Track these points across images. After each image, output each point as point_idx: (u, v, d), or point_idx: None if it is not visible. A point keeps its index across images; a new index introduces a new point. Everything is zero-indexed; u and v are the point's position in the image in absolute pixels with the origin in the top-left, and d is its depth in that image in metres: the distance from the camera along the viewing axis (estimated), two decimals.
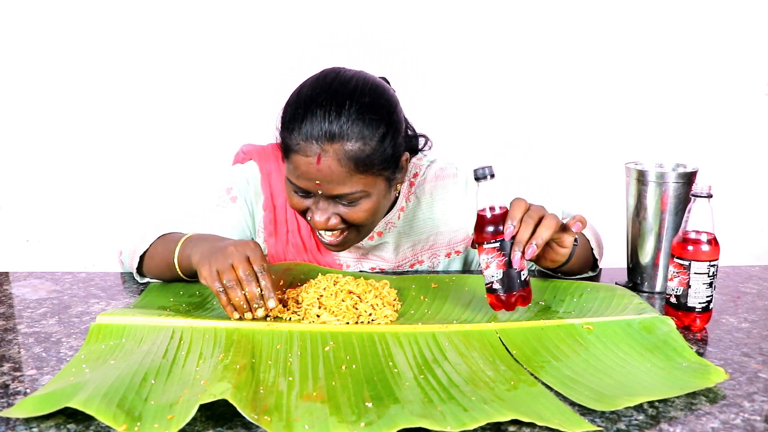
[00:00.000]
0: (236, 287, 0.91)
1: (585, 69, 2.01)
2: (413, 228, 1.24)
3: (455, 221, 1.24)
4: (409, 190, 1.23)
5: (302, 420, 0.68)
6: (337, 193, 1.02)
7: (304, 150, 1.01)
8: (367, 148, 1.01)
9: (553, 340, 0.90)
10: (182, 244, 1.04)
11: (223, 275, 0.92)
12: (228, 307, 0.93)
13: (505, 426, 0.70)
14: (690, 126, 2.05)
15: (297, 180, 1.03)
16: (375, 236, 1.21)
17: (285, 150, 1.05)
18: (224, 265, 0.92)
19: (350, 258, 1.24)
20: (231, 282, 0.91)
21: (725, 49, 2.01)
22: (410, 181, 1.23)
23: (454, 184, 1.23)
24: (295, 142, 1.02)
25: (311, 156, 1.00)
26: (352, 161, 1.01)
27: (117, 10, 1.87)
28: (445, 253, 1.26)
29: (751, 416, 0.73)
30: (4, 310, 1.03)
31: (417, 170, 1.24)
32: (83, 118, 1.93)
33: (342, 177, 1.01)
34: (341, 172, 1.01)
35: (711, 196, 0.94)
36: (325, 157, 1.00)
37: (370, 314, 0.96)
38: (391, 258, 1.24)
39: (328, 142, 1.00)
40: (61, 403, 0.69)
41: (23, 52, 1.88)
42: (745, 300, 1.09)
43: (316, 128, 1.00)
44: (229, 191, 1.21)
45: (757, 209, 2.13)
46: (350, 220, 1.06)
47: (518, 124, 2.05)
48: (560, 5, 1.97)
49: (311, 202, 1.06)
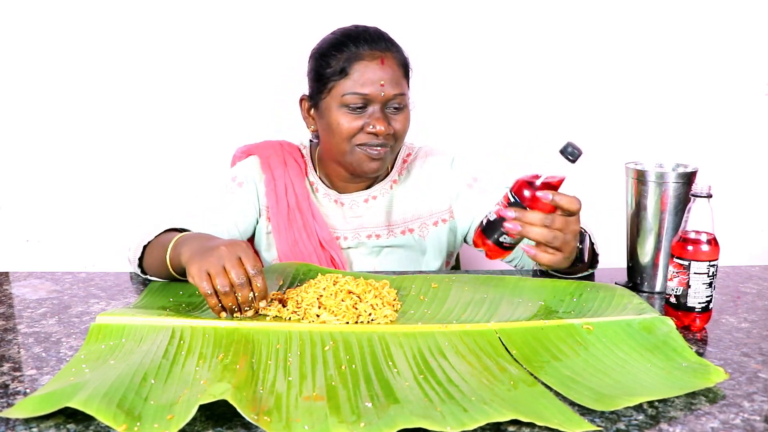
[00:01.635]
0: (230, 293, 0.92)
1: (585, 69, 2.01)
2: (405, 197, 1.34)
3: (441, 192, 1.34)
4: (402, 166, 1.36)
5: (302, 420, 0.68)
6: (395, 92, 1.19)
7: (369, 56, 1.18)
8: (406, 58, 1.25)
9: (553, 340, 0.90)
10: (174, 243, 1.05)
11: (216, 279, 0.91)
12: (216, 308, 0.93)
13: (504, 426, 0.70)
14: (690, 126, 2.05)
15: (361, 87, 1.18)
16: (370, 200, 1.32)
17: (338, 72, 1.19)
18: (216, 267, 0.92)
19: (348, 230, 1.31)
20: (225, 288, 0.91)
21: (725, 49, 2.01)
22: (403, 158, 1.37)
23: (442, 160, 1.36)
24: (355, 54, 1.18)
25: (376, 60, 1.18)
26: (401, 65, 1.22)
27: (119, 11, 1.87)
28: (433, 222, 1.34)
29: (750, 416, 0.73)
30: (4, 310, 1.03)
31: (410, 151, 1.39)
32: (83, 119, 1.93)
33: (398, 78, 1.21)
34: (398, 74, 1.21)
35: (711, 196, 0.94)
36: (387, 60, 1.20)
37: (369, 314, 0.96)
38: (382, 224, 1.31)
39: (386, 49, 1.21)
40: (61, 403, 0.69)
41: (23, 52, 1.88)
42: (745, 300, 1.09)
43: (374, 38, 1.20)
44: (235, 179, 1.32)
45: (757, 209, 2.13)
46: (396, 131, 1.21)
47: (518, 124, 2.05)
48: (560, 5, 1.97)
49: (366, 117, 1.19)
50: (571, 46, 1.99)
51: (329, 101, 1.21)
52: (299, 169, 1.33)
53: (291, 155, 1.34)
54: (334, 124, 1.21)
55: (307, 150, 1.37)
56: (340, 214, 1.32)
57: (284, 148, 1.35)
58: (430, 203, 1.34)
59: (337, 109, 1.20)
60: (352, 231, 1.31)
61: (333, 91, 1.20)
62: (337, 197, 1.32)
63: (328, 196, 1.33)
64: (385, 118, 1.20)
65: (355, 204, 1.32)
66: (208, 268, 0.92)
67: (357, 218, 1.32)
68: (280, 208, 1.29)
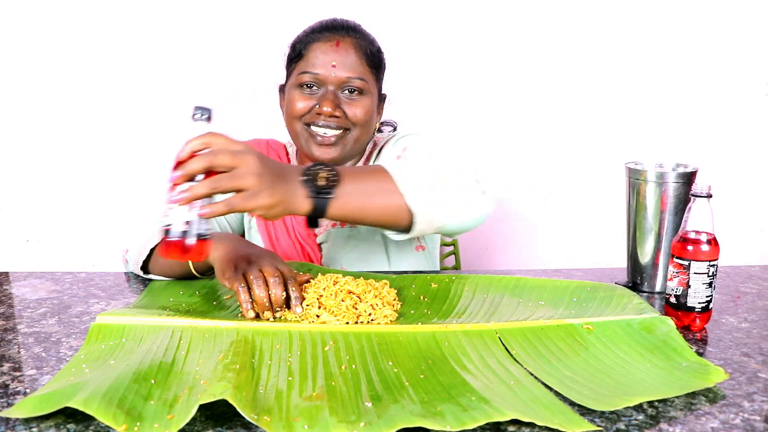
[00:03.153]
0: (263, 286, 0.94)
1: (585, 69, 2.01)
2: None
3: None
4: (371, 153, 1.33)
5: (302, 420, 0.68)
6: (348, 75, 1.19)
7: (325, 38, 1.20)
8: (373, 48, 1.24)
9: (553, 340, 0.90)
10: None
11: (250, 275, 0.95)
12: (246, 304, 0.94)
13: (504, 426, 0.70)
14: (690, 126, 2.05)
15: (312, 67, 1.19)
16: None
17: (297, 55, 1.22)
18: (252, 268, 0.96)
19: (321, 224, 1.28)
20: (259, 281, 0.94)
21: (725, 49, 2.01)
22: (370, 150, 1.34)
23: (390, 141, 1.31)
24: (315, 37, 1.21)
25: (331, 42, 1.20)
26: (362, 52, 1.21)
27: (119, 11, 1.87)
28: None
29: (750, 416, 0.73)
30: (4, 310, 1.03)
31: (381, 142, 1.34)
32: (83, 119, 1.93)
33: (355, 62, 1.20)
34: (355, 58, 1.20)
35: (711, 196, 0.94)
36: (344, 43, 1.20)
37: (369, 314, 0.96)
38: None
39: (346, 33, 1.21)
40: (60, 403, 0.69)
41: (23, 52, 1.88)
42: (745, 300, 1.09)
43: (335, 24, 1.22)
44: None
45: (757, 209, 2.13)
46: (350, 116, 1.20)
47: (518, 124, 2.05)
48: (560, 5, 1.97)
49: (317, 98, 1.19)
50: (572, 47, 1.99)
51: (289, 84, 1.24)
52: None
53: (275, 153, 1.36)
54: (288, 103, 1.23)
55: (293, 149, 1.38)
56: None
57: (270, 146, 1.37)
58: None
59: (293, 89, 1.22)
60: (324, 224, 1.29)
61: (292, 74, 1.23)
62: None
63: None
64: (335, 99, 1.19)
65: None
66: (243, 268, 0.97)
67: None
68: None
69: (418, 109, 1.94)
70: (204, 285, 1.10)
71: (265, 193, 0.82)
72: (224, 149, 0.82)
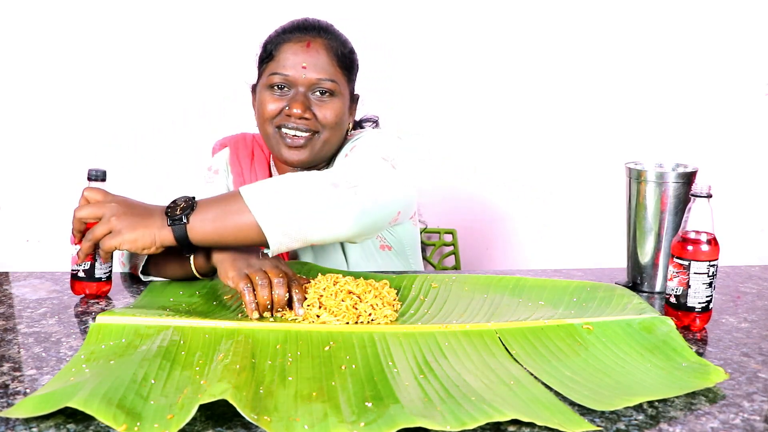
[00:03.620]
0: (267, 287, 0.95)
1: (585, 69, 2.01)
2: None
3: None
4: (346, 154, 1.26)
5: (302, 420, 0.68)
6: (319, 76, 1.18)
7: (296, 39, 1.19)
8: (345, 50, 1.23)
9: (553, 340, 0.90)
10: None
11: (254, 276, 0.96)
12: (251, 305, 0.94)
13: (504, 426, 0.70)
14: (690, 126, 2.05)
15: (283, 68, 1.18)
16: None
17: (268, 56, 1.21)
18: (255, 269, 0.97)
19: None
20: (263, 281, 0.95)
21: (725, 49, 2.01)
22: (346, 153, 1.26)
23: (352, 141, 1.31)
24: (286, 38, 1.20)
25: (302, 42, 1.19)
26: (333, 53, 1.20)
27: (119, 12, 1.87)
28: None
29: (750, 416, 0.73)
30: (4, 310, 1.03)
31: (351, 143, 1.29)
32: (83, 119, 1.93)
33: (326, 64, 1.19)
34: (325, 59, 1.19)
35: (711, 196, 0.94)
36: (314, 44, 1.19)
37: (369, 314, 0.96)
38: None
39: (317, 35, 1.20)
40: (60, 403, 0.69)
41: (23, 52, 1.88)
42: (745, 300, 1.09)
43: (306, 25, 1.21)
44: (210, 168, 1.37)
45: (757, 209, 2.13)
46: (320, 118, 1.19)
47: (518, 124, 2.05)
48: (561, 5, 1.97)
49: (287, 100, 1.19)
50: (572, 47, 1.99)
51: (260, 84, 1.23)
52: (265, 162, 1.34)
53: (259, 146, 1.36)
54: (258, 105, 1.23)
55: None
56: None
57: (255, 140, 1.37)
58: None
59: (264, 90, 1.21)
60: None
61: (263, 74, 1.22)
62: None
63: None
64: (305, 101, 1.18)
65: None
66: (247, 269, 0.97)
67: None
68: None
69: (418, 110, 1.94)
70: (204, 285, 1.10)
71: (125, 231, 0.95)
72: (91, 203, 0.98)
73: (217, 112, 1.94)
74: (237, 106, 1.93)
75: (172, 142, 1.95)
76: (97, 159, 1.94)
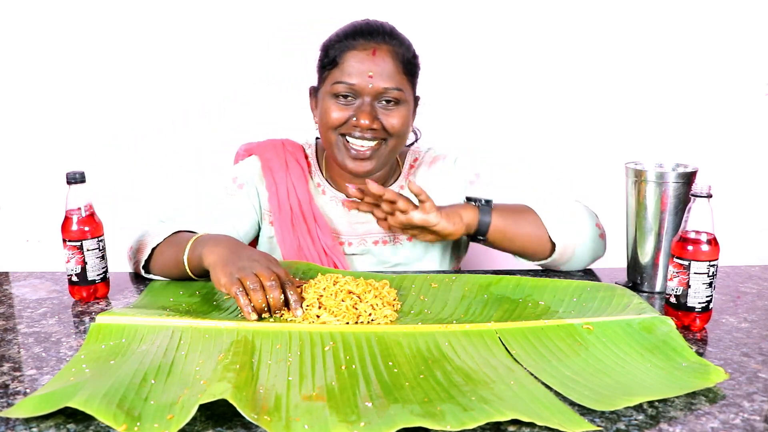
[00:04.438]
0: (259, 290, 0.94)
1: (585, 69, 2.01)
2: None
3: (447, 194, 1.32)
4: (409, 171, 1.34)
5: (302, 420, 0.68)
6: (385, 86, 1.16)
7: (362, 46, 1.16)
8: (409, 54, 1.20)
9: (553, 340, 0.90)
10: (192, 244, 1.06)
11: (246, 281, 0.94)
12: (247, 308, 0.93)
13: (504, 426, 0.70)
14: (690, 126, 2.05)
15: (348, 77, 1.15)
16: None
17: (331, 62, 1.18)
18: (246, 272, 0.95)
19: (353, 235, 1.28)
20: (255, 285, 0.94)
21: (725, 49, 2.01)
22: (410, 164, 1.35)
23: (444, 163, 1.35)
24: (350, 44, 1.17)
25: (367, 50, 1.16)
26: (398, 59, 1.18)
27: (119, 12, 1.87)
28: None
29: (750, 416, 0.73)
30: (4, 310, 1.03)
31: (416, 156, 1.37)
32: (83, 119, 1.93)
33: (392, 71, 1.16)
34: (392, 67, 1.16)
35: (711, 196, 0.94)
36: (380, 51, 1.16)
37: (369, 314, 0.96)
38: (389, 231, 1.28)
39: (383, 41, 1.17)
40: (61, 403, 0.69)
41: (23, 52, 1.88)
42: (745, 300, 1.09)
43: (371, 30, 1.18)
44: (235, 180, 1.29)
45: (757, 209, 2.13)
46: (387, 127, 1.18)
47: (518, 124, 2.05)
48: (561, 5, 1.97)
49: (353, 110, 1.17)
50: (572, 46, 1.99)
51: (323, 91, 1.20)
52: (302, 172, 1.29)
53: (293, 156, 1.31)
54: (322, 113, 1.20)
55: (312, 149, 1.35)
56: (345, 219, 1.29)
57: (286, 148, 1.32)
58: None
59: (328, 98, 1.18)
60: (358, 237, 1.28)
61: (326, 80, 1.19)
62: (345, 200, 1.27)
63: (335, 198, 1.30)
64: (372, 111, 1.16)
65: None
66: (238, 273, 0.95)
67: (363, 224, 1.29)
68: (283, 213, 1.26)
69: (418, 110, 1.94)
70: (204, 285, 1.10)
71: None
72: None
73: (217, 112, 1.94)
74: (237, 106, 1.94)
75: (172, 142, 1.95)
76: (98, 159, 1.95)
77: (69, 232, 1.07)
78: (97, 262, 1.07)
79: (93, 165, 1.95)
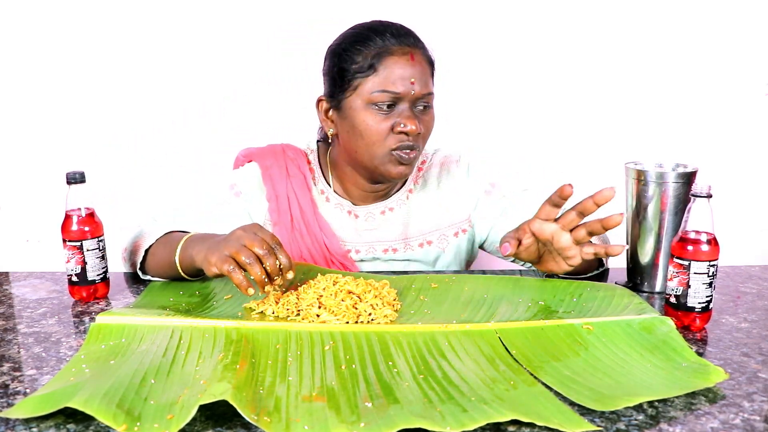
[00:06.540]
0: (255, 263, 0.92)
1: (585, 69, 2.01)
2: (421, 208, 1.28)
3: (459, 201, 1.29)
4: (417, 175, 1.30)
5: (302, 420, 0.68)
6: (424, 92, 1.12)
7: (399, 51, 1.11)
8: (432, 57, 1.17)
9: (553, 340, 0.90)
10: (183, 244, 1.05)
11: (239, 255, 0.92)
12: (243, 283, 0.92)
13: (504, 426, 0.70)
14: (690, 126, 2.05)
15: (392, 85, 1.10)
16: (387, 212, 1.27)
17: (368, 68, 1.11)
18: (236, 247, 0.93)
19: (360, 243, 1.25)
20: (250, 258, 0.92)
21: (725, 49, 2.01)
22: (418, 167, 1.31)
23: (457, 168, 1.30)
24: (384, 49, 1.11)
25: (405, 55, 1.11)
26: (428, 63, 1.15)
27: (119, 12, 1.87)
28: (453, 233, 1.29)
29: (750, 416, 0.73)
30: (4, 310, 1.03)
31: (424, 158, 1.32)
32: (83, 119, 1.93)
33: (427, 76, 1.14)
34: (426, 72, 1.14)
35: (711, 196, 0.94)
36: (416, 56, 1.12)
37: (369, 314, 0.96)
38: (399, 237, 1.26)
39: (414, 44, 1.13)
40: (60, 403, 0.69)
41: (23, 52, 1.88)
42: (744, 300, 1.09)
43: (401, 33, 1.13)
44: (233, 187, 1.26)
45: (757, 209, 2.13)
46: (426, 128, 1.15)
47: (517, 124, 2.05)
48: (561, 6, 1.97)
49: (394, 116, 1.12)
50: (572, 47, 1.99)
51: (354, 100, 1.12)
52: (303, 179, 1.25)
53: (294, 163, 1.26)
54: (361, 125, 1.12)
55: (314, 155, 1.29)
56: (352, 227, 1.26)
57: (287, 154, 1.27)
58: (450, 214, 1.28)
59: (364, 108, 1.11)
60: (366, 245, 1.25)
61: (359, 88, 1.11)
62: (351, 208, 1.26)
63: (340, 206, 1.26)
64: (416, 116, 1.12)
65: (371, 216, 1.26)
66: (228, 251, 0.93)
67: (371, 231, 1.26)
68: (283, 222, 1.23)
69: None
70: (204, 285, 1.10)
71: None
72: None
73: (217, 112, 1.94)
74: (237, 106, 1.94)
75: (172, 142, 1.95)
76: (98, 159, 1.95)
77: (69, 232, 1.07)
78: (97, 262, 1.07)
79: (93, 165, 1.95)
